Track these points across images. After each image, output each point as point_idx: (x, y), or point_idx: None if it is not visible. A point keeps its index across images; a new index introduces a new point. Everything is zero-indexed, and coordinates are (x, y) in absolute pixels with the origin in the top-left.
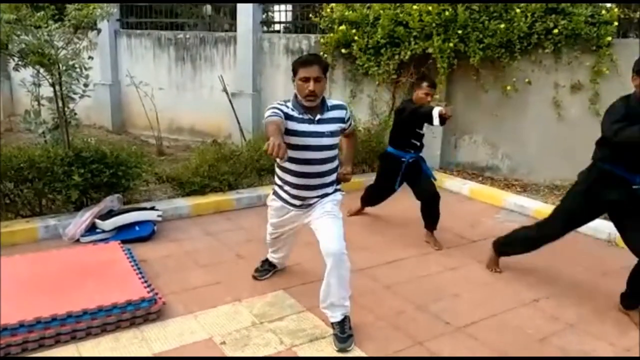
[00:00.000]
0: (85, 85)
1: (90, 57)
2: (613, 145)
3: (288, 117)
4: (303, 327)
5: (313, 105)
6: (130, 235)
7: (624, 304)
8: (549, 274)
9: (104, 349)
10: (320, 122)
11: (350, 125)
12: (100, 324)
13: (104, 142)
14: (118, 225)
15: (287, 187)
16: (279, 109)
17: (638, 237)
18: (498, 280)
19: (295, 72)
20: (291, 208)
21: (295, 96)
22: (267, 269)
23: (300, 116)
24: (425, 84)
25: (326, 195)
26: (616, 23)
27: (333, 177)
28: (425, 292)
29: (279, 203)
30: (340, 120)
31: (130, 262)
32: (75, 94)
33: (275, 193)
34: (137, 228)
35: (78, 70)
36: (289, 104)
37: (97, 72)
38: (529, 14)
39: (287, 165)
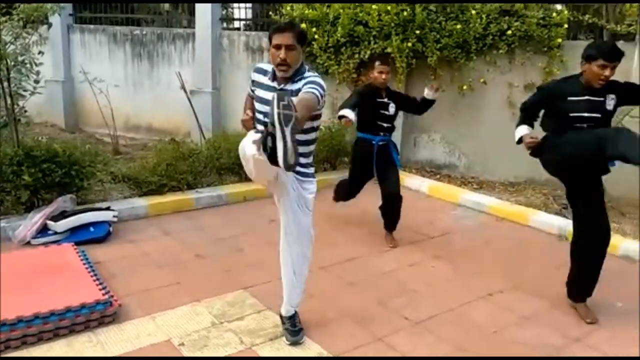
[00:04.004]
0: (36, 81)
1: (40, 53)
2: None
3: (257, 84)
4: (264, 326)
5: (286, 75)
6: (84, 237)
7: (571, 297)
8: (503, 269)
9: (56, 354)
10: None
11: (307, 90)
12: (52, 328)
13: (56, 140)
14: (71, 226)
15: None
16: (252, 77)
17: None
18: (455, 275)
19: (270, 39)
20: None
21: None
22: None
23: (267, 83)
24: (377, 63)
25: None
26: (566, 25)
27: None
28: (387, 288)
29: None
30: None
31: (84, 264)
32: (25, 90)
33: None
34: (91, 229)
35: (28, 66)
36: (269, 69)
37: (49, 68)
38: (484, 16)
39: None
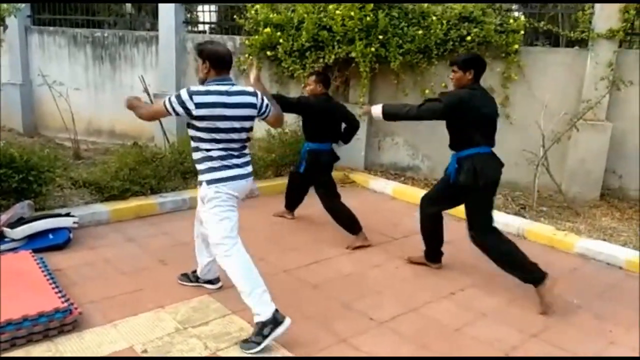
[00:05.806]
0: None
1: None
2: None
3: None
4: (228, 330)
5: None
6: (43, 244)
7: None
8: (464, 268)
9: None
10: None
11: None
12: (8, 338)
13: (13, 145)
14: (29, 233)
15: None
16: None
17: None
18: (418, 275)
19: None
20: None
21: None
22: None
23: None
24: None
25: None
26: (522, 32)
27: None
28: (350, 289)
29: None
30: None
31: (42, 271)
32: None
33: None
34: (50, 236)
35: None
36: None
37: (6, 71)
38: (444, 22)
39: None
